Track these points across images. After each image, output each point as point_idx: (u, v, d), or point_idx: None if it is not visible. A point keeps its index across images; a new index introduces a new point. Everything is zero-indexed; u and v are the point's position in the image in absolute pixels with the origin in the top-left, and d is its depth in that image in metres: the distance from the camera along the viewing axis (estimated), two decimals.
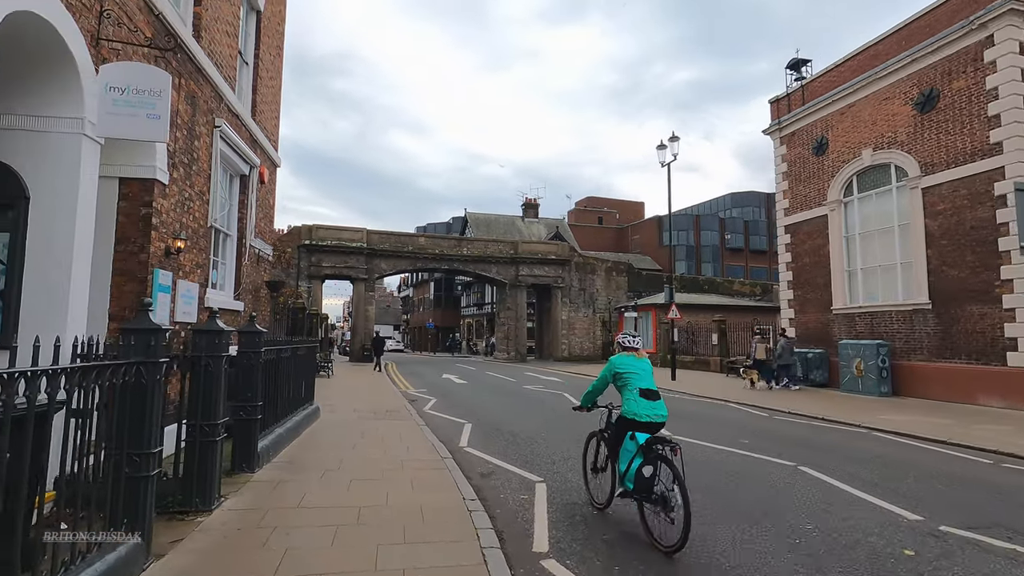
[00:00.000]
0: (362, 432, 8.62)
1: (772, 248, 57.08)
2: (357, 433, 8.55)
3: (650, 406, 4.51)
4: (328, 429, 8.84)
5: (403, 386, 17.55)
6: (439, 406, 12.64)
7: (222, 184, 8.65)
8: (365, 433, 8.56)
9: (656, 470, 4.25)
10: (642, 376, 4.66)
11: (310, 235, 30.05)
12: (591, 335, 35.53)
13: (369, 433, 8.58)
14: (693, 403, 13.67)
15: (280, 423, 7.46)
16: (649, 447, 4.36)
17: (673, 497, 4.03)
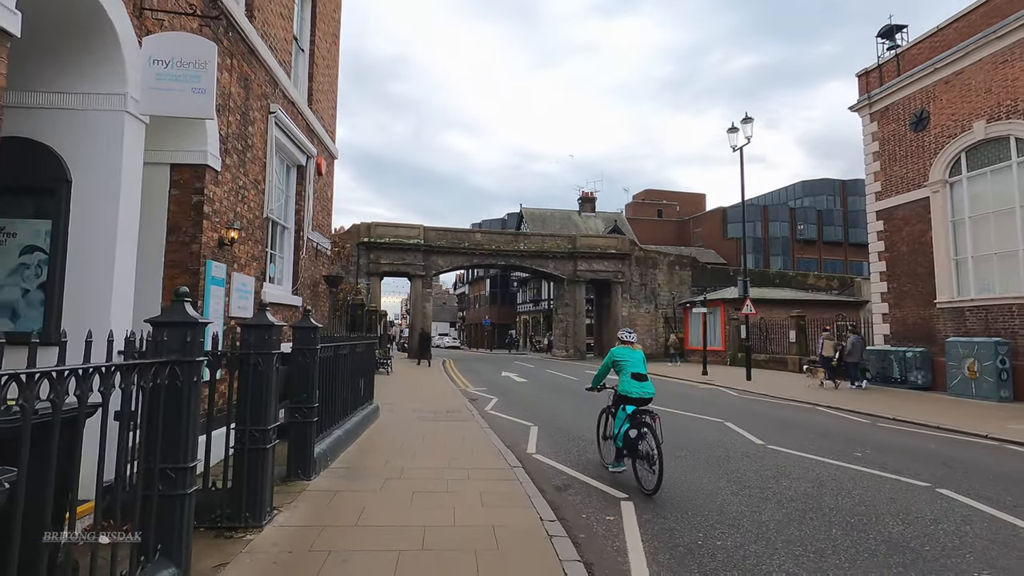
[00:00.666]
0: (423, 435, 8.09)
1: (848, 239, 53.34)
2: (418, 436, 8.02)
3: (639, 385, 5.88)
4: (388, 431, 8.36)
5: (462, 384, 17.09)
6: (501, 406, 12.02)
7: (278, 173, 8.32)
8: (426, 436, 8.01)
9: (640, 433, 5.58)
10: (634, 363, 6.01)
11: (368, 233, 30.29)
12: (653, 332, 34.10)
13: (430, 436, 8.03)
14: (779, 407, 12.40)
15: (339, 424, 7.01)
16: (635, 415, 5.74)
17: (653, 455, 5.38)
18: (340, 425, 7.07)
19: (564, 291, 33.97)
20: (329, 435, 6.51)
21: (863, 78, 17.97)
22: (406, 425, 8.93)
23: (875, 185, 17.33)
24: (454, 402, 12.09)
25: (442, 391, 14.36)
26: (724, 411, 11.38)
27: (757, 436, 8.55)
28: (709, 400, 13.45)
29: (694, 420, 10.17)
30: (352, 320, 15.90)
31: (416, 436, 8.01)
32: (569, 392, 14.76)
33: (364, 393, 9.06)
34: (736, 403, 12.94)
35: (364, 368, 8.98)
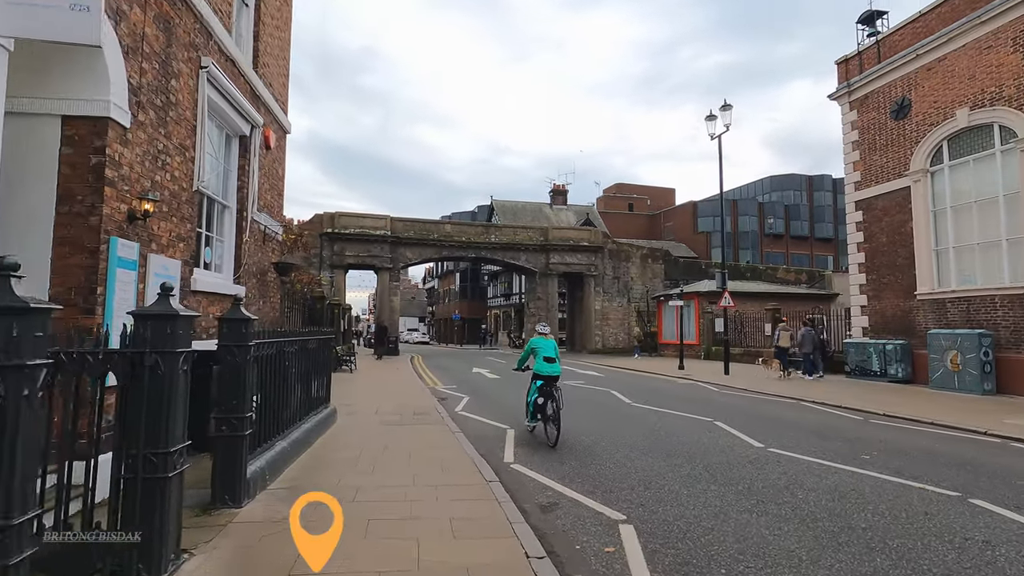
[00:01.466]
0: (385, 444, 7.10)
1: (814, 234, 54.19)
2: (379, 445, 7.03)
3: (548, 366, 7.54)
4: (345, 439, 7.34)
5: (431, 382, 16.09)
6: (473, 406, 11.10)
7: (214, 142, 7.18)
8: (389, 445, 7.03)
9: (545, 400, 7.41)
10: (546, 349, 7.65)
11: (332, 223, 28.84)
12: (626, 326, 33.65)
13: (394, 444, 7.05)
14: (764, 403, 11.84)
15: (284, 434, 5.98)
16: (543, 388, 7.48)
17: (554, 417, 7.24)
18: (286, 435, 6.04)
19: (536, 284, 33.18)
20: (271, 448, 5.48)
21: (842, 66, 17.62)
22: (367, 431, 7.92)
23: (854, 175, 17.01)
24: (422, 402, 11.10)
25: (409, 390, 13.35)
26: (710, 409, 10.72)
27: (753, 438, 7.86)
28: (691, 397, 12.82)
29: (683, 420, 9.45)
30: (311, 314, 14.70)
31: (378, 444, 7.02)
32: None
33: (319, 395, 8.01)
34: (720, 400, 12.33)
35: (319, 367, 7.93)
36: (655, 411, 10.41)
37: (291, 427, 6.30)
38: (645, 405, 11.20)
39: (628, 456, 6.77)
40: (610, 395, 12.80)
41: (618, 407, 10.93)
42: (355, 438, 7.38)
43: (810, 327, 17.28)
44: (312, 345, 7.42)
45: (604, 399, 12.11)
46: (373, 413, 9.50)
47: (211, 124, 7.01)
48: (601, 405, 11.12)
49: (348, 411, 9.53)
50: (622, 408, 10.82)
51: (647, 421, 9.29)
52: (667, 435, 8.06)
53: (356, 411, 9.66)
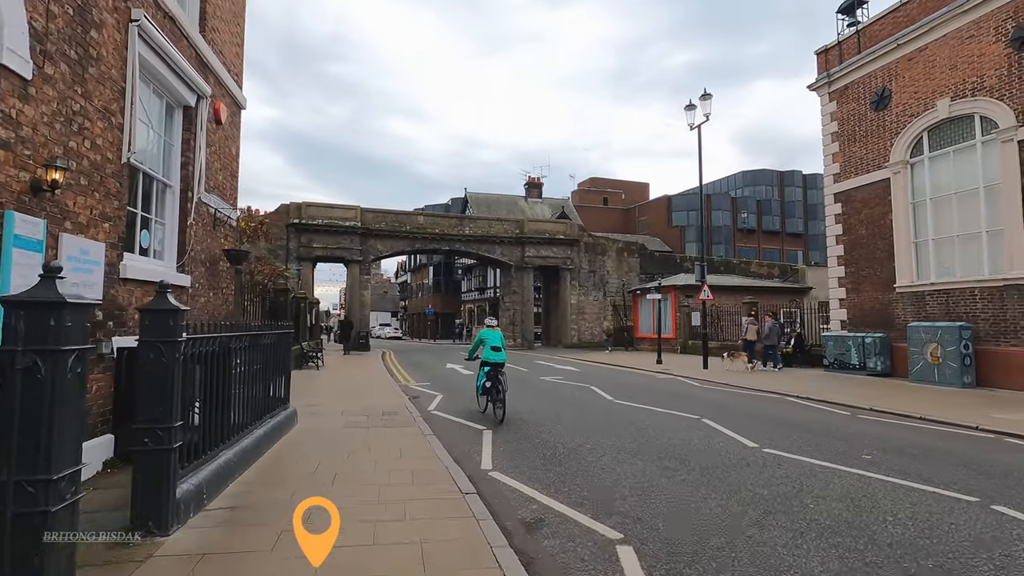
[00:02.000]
0: (349, 449, 6.40)
1: (785, 229, 54.94)
2: (343, 451, 6.32)
3: (494, 354, 8.80)
4: (305, 445, 6.60)
5: (402, 379, 15.35)
6: (447, 405, 10.43)
7: (151, 110, 6.32)
8: (354, 451, 6.33)
9: (493, 385, 8.66)
10: (492, 340, 8.93)
11: (299, 213, 27.68)
12: (601, 320, 33.35)
13: (359, 450, 6.35)
14: (749, 399, 11.48)
15: (231, 443, 5.23)
16: (490, 373, 8.75)
17: (500, 398, 8.53)
18: (234, 443, 5.29)
19: (511, 278, 32.57)
20: (213, 459, 4.73)
21: (822, 56, 17.43)
22: (330, 435, 7.19)
23: (834, 166, 16.85)
24: (392, 401, 10.39)
25: (379, 387, 12.60)
26: (695, 405, 10.29)
27: (745, 436, 7.41)
28: (674, 392, 12.40)
29: (669, 418, 8.96)
30: (273, 308, 13.78)
31: (340, 451, 6.31)
32: (523, 385, 13.35)
33: (276, 396, 7.25)
34: (703, 395, 11.93)
35: (276, 365, 7.16)
36: (639, 408, 9.92)
37: (240, 434, 5.54)
38: (628, 402, 10.70)
39: (617, 459, 6.21)
40: (591, 391, 12.28)
41: (600, 404, 10.41)
42: (316, 444, 6.65)
43: (775, 321, 17.85)
44: (267, 341, 6.65)
45: (585, 396, 11.58)
46: (338, 414, 8.75)
47: (146, 89, 6.15)
48: (583, 403, 10.58)
49: (311, 412, 8.77)
50: (605, 405, 10.30)
51: (632, 419, 8.78)
52: (655, 434, 7.55)
53: (320, 412, 8.90)
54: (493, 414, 8.71)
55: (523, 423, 8.48)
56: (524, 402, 10.67)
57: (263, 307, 11.29)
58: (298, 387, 11.99)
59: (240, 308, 9.28)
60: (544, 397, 11.46)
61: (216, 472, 4.65)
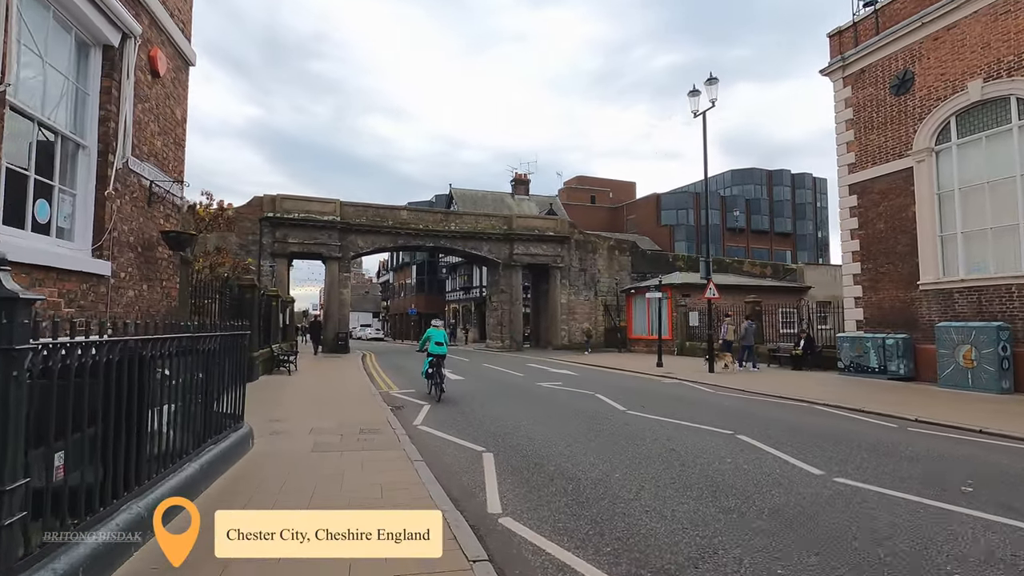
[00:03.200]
0: (314, 485, 4.94)
1: (774, 228, 54.42)
2: (306, 487, 4.87)
3: (438, 348, 11.01)
4: (257, 479, 5.12)
5: (384, 385, 13.85)
6: (436, 418, 8.99)
7: (49, 40, 4.79)
8: (319, 487, 4.87)
9: (434, 371, 10.94)
10: (436, 336, 11.21)
11: (274, 206, 25.94)
12: (592, 320, 32.12)
13: (327, 486, 4.90)
14: (774, 407, 10.24)
15: (143, 491, 3.75)
16: (433, 363, 10.98)
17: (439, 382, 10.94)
18: (148, 490, 3.82)
19: (499, 276, 31.16)
20: (107, 520, 3.26)
21: (835, 39, 16.36)
22: (292, 464, 5.72)
23: (848, 156, 15.78)
24: (371, 413, 8.92)
25: (357, 396, 11.10)
26: (718, 416, 9.02)
27: (800, 459, 6.13)
28: (687, 399, 11.13)
29: (697, 434, 7.65)
30: (237, 306, 12.19)
31: (303, 487, 4.86)
32: (522, 393, 11.97)
33: (225, 413, 5.77)
34: (720, 403, 10.68)
35: (224, 375, 5.68)
36: (658, 421, 8.60)
37: (161, 475, 4.07)
38: (642, 412, 9.38)
39: (659, 497, 4.86)
40: (597, 400, 10.94)
41: (614, 417, 9.06)
42: (272, 478, 5.18)
43: (751, 322, 18.15)
44: (210, 345, 5.17)
45: (593, 406, 10.23)
46: (306, 432, 7.26)
47: (43, 12, 4.64)
48: (594, 415, 9.22)
49: (273, 430, 7.27)
50: (618, 418, 8.96)
51: (656, 437, 7.45)
52: (691, 458, 6.22)
53: (285, 430, 7.40)
54: (435, 393, 10.96)
55: (531, 443, 7.09)
56: (528, 414, 9.27)
57: (222, 305, 9.73)
58: (263, 397, 10.47)
59: (188, 305, 7.72)
60: (547, 408, 10.08)
61: (107, 546, 3.17)
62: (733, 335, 17.88)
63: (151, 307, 6.45)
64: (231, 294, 10.77)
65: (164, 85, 6.76)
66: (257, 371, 13.09)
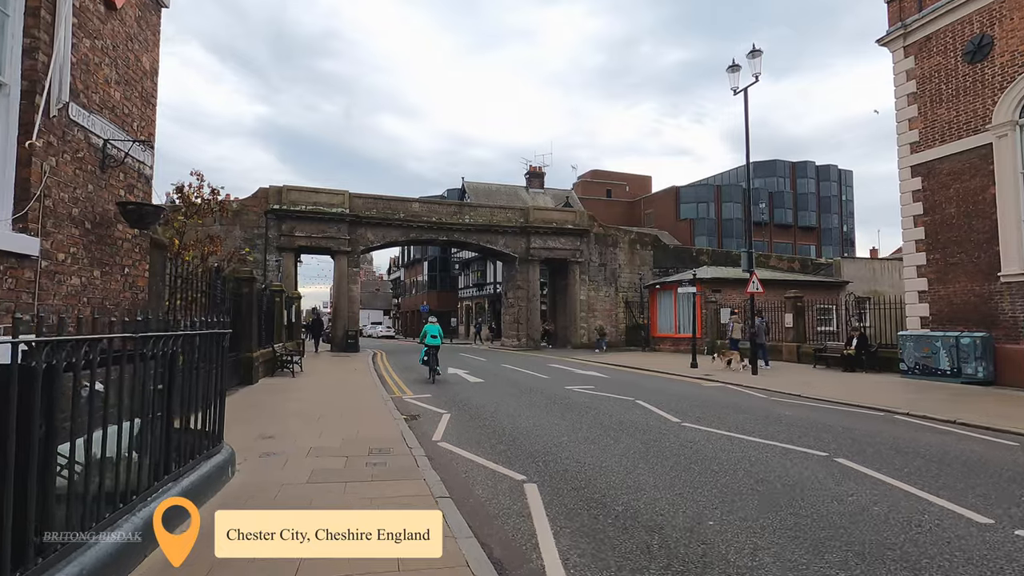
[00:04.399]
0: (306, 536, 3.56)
1: (798, 222, 52.47)
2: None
3: (433, 340, 13.25)
4: (223, 536, 3.75)
5: (396, 388, 12.52)
6: (460, 431, 7.62)
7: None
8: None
9: (430, 359, 13.23)
10: (433, 331, 13.42)
11: (280, 198, 24.73)
12: (613, 317, 30.62)
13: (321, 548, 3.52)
14: (846, 416, 8.75)
15: (73, 555, 2.41)
16: (429, 352, 13.24)
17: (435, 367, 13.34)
18: (78, 553, 2.47)
19: (516, 272, 29.75)
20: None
21: (894, 5, 14.73)
22: (281, 497, 4.37)
23: (910, 134, 14.16)
24: (383, 426, 7.57)
25: (367, 403, 9.77)
26: (794, 431, 7.57)
27: (950, 500, 4.67)
28: (743, 408, 9.67)
29: (785, 457, 6.20)
30: (235, 301, 10.91)
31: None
32: (552, 399, 10.56)
33: (198, 433, 4.45)
34: (783, 412, 9.20)
35: (197, 385, 4.37)
36: (725, 437, 7.17)
37: (103, 524, 2.73)
38: (700, 425, 7.95)
39: (785, 563, 3.44)
40: (641, 408, 9.51)
41: (668, 431, 7.64)
42: (255, 511, 3.81)
43: (762, 319, 17.57)
44: (170, 348, 3.85)
45: (639, 416, 8.80)
46: (304, 454, 5.92)
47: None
48: (644, 430, 7.79)
49: (265, 450, 5.95)
50: (675, 433, 7.53)
51: (733, 460, 6.02)
52: (798, 497, 4.79)
53: (278, 450, 6.06)
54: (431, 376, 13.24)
55: (581, 468, 5.69)
56: (566, 427, 7.87)
57: (211, 300, 8.42)
58: (259, 404, 9.16)
59: (161, 298, 6.41)
60: (586, 419, 8.67)
61: None
62: (740, 333, 17.26)
63: (107, 299, 5.14)
64: (223, 287, 9.47)
65: (125, 23, 5.42)
66: (257, 373, 11.81)
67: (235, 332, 11.13)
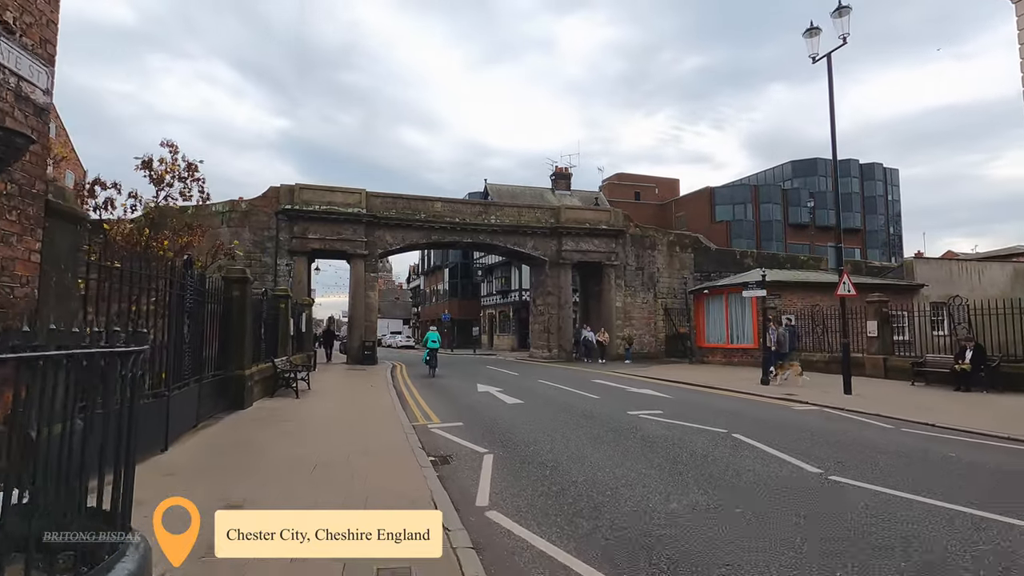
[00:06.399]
0: None
1: (840, 224, 49.29)
2: None
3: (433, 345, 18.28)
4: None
5: (420, 413, 10.27)
6: (512, 489, 5.31)
7: None
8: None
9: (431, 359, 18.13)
10: (433, 337, 18.51)
11: (292, 198, 22.85)
12: (652, 326, 28.08)
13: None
14: (1002, 452, 6.21)
15: None
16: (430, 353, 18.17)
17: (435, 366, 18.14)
18: None
19: (545, 276, 27.44)
20: None
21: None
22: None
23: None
24: (404, 479, 5.31)
25: (383, 439, 7.50)
26: (995, 491, 5.12)
27: None
28: (881, 447, 7.20)
29: (999, 534, 3.76)
30: (223, 308, 8.80)
31: None
32: (620, 431, 8.19)
33: (81, 519, 2.23)
34: (947, 452, 6.70)
35: (66, 442, 2.15)
36: (902, 501, 4.77)
37: None
38: (858, 481, 5.53)
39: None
40: (750, 448, 7.09)
41: (816, 491, 5.24)
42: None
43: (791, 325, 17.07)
44: None
45: (759, 465, 6.37)
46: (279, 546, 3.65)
47: None
48: (780, 488, 5.38)
49: (218, 534, 3.68)
50: (828, 495, 5.13)
51: (950, 555, 3.60)
52: None
53: (240, 532, 3.79)
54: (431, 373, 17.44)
55: (733, 574, 3.34)
56: (663, 481, 5.50)
57: (173, 305, 6.23)
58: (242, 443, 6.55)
59: (68, 297, 4.21)
60: (688, 468, 6.29)
61: None
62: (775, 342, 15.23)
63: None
64: (200, 287, 7.35)
65: None
66: (250, 395, 9.67)
67: (222, 345, 9.01)
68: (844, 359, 12.63)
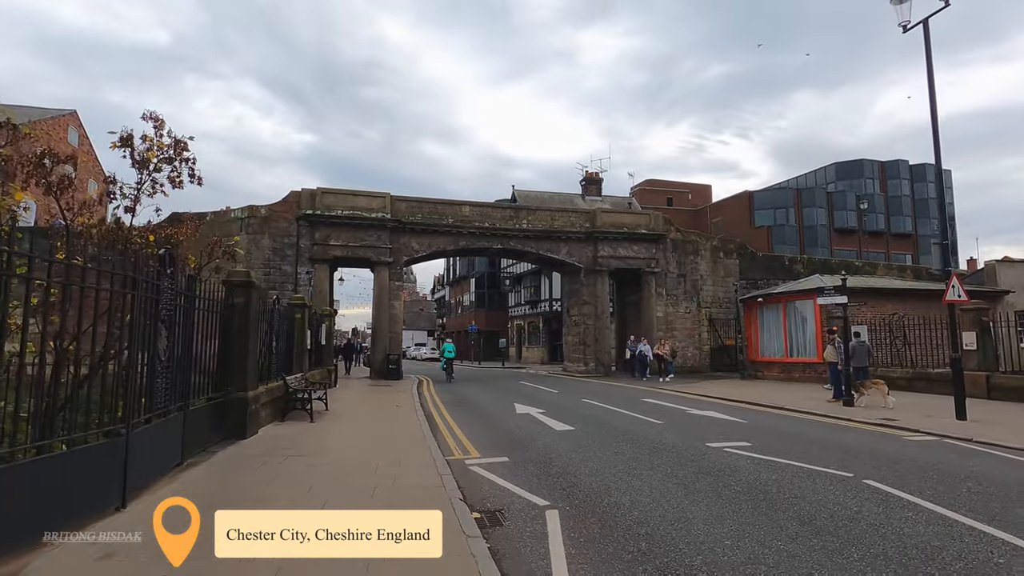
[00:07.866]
0: None
1: (890, 228, 46.44)
2: None
3: (449, 354, 22.96)
4: None
5: (453, 441, 8.63)
6: (594, 567, 3.62)
7: None
8: None
9: (447, 367, 22.19)
10: (449, 347, 23.88)
11: (313, 203, 21.68)
12: (696, 337, 26.08)
13: None
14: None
15: None
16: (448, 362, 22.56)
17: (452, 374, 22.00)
18: None
19: (580, 284, 25.71)
20: None
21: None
22: None
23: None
24: (441, 568, 3.65)
25: (410, 483, 5.87)
26: None
27: None
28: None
29: None
30: (222, 318, 7.36)
31: None
32: (711, 474, 6.41)
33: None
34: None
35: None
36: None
37: None
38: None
39: None
40: (898, 502, 5.25)
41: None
42: None
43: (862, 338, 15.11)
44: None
45: (924, 531, 4.54)
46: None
47: None
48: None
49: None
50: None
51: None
52: None
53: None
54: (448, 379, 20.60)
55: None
56: (807, 561, 3.72)
57: (138, 316, 4.73)
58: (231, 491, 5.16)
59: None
60: (828, 538, 4.51)
61: None
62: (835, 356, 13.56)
63: None
64: (182, 289, 5.91)
65: None
66: (254, 421, 8.18)
67: (221, 362, 7.54)
68: (956, 377, 10.58)
